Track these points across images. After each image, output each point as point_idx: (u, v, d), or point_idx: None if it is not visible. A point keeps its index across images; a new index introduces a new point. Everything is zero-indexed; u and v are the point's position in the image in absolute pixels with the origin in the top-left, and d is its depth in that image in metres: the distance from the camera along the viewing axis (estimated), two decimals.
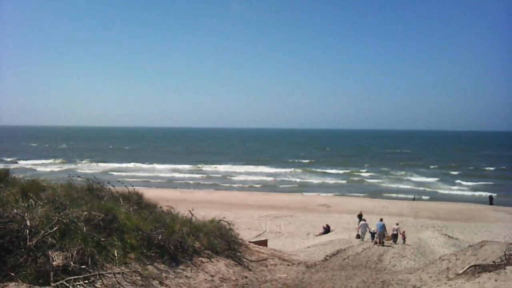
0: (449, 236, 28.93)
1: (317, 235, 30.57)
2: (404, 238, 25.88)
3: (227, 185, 64.29)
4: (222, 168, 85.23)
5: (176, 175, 74.84)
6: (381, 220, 26.01)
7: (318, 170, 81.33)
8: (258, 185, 63.62)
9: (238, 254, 13.15)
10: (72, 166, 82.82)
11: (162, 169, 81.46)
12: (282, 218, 36.86)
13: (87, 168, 78.65)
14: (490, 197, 48.72)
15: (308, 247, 23.75)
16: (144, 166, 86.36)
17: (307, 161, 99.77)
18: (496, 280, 9.09)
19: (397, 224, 27.81)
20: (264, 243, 22.42)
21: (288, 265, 14.72)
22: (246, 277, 11.29)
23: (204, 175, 75.40)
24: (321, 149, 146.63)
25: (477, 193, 57.25)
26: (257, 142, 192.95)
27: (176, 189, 55.82)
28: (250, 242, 17.64)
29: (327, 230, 31.55)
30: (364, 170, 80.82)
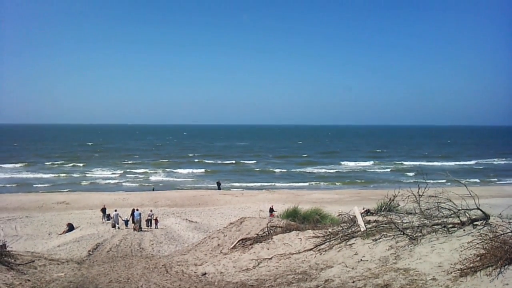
0: (189, 221, 31.95)
1: (61, 234, 28.82)
2: (156, 224, 28.19)
3: None
4: None
5: None
6: (137, 209, 27.78)
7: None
8: None
9: (5, 259, 11.60)
10: None
11: None
12: (17, 220, 32.89)
13: None
14: (218, 183, 54.96)
15: (59, 246, 22.32)
16: None
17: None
18: (268, 249, 11.13)
19: (151, 211, 29.97)
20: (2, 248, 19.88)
21: (58, 264, 13.79)
22: (28, 280, 10.19)
23: None
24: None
25: (206, 181, 63.19)
26: None
27: None
28: None
29: (71, 227, 30.07)
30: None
